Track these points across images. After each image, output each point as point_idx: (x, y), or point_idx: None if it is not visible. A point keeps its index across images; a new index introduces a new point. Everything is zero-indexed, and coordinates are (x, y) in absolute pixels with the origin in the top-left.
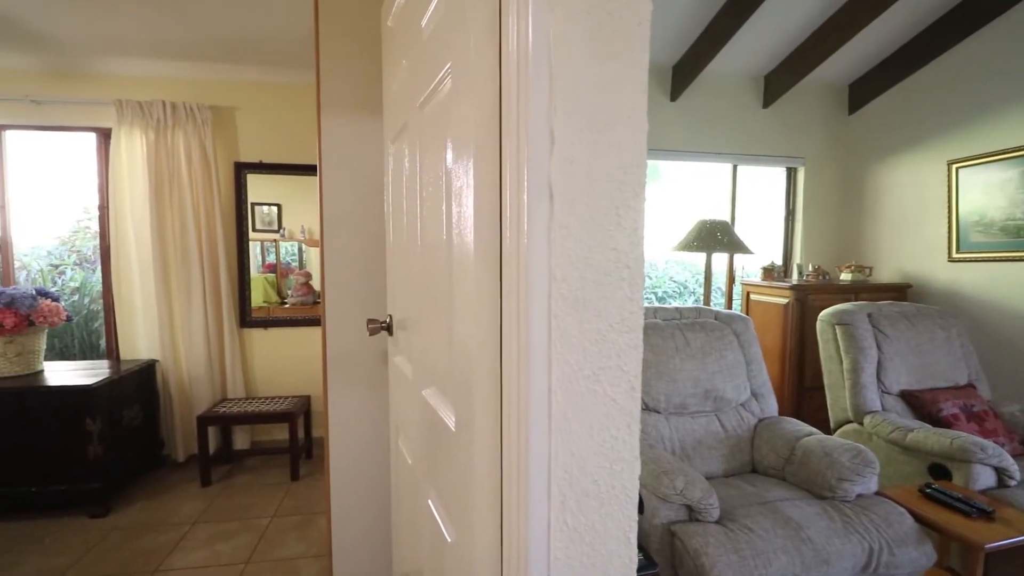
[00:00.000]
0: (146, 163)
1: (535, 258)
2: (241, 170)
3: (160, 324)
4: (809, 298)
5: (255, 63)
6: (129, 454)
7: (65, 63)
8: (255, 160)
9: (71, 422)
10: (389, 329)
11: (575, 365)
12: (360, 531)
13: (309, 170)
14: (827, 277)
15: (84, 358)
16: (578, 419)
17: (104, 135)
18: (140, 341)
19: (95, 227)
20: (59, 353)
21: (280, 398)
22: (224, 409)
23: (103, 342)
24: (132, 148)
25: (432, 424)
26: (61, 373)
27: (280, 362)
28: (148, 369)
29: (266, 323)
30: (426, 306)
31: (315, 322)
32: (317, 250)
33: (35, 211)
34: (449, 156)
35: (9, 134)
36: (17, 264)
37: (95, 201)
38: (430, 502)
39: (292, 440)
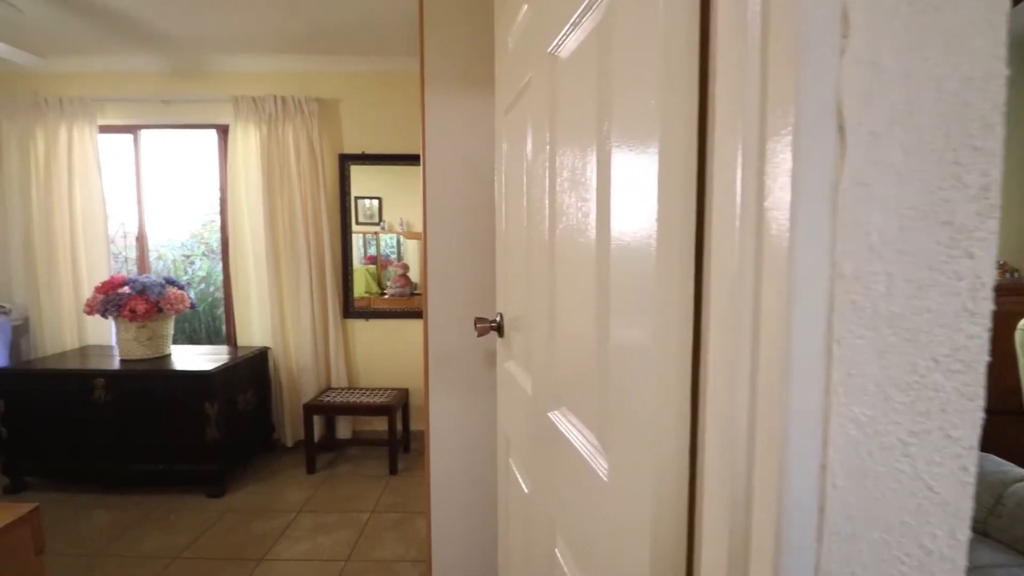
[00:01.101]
0: (259, 157)
1: (804, 239)
2: (345, 161)
3: (271, 312)
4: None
5: (358, 53)
6: (243, 438)
7: (188, 63)
8: (358, 151)
9: (192, 405)
10: (499, 330)
11: (868, 425)
12: (462, 543)
13: (410, 160)
14: (1015, 275)
15: (209, 343)
16: (868, 518)
17: (223, 131)
18: (254, 328)
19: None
20: (188, 337)
21: (380, 390)
22: (328, 399)
23: (225, 328)
24: (247, 143)
25: (563, 458)
26: (185, 357)
27: (380, 353)
28: (261, 356)
29: (367, 314)
30: (557, 307)
31: (414, 314)
32: (415, 243)
33: (171, 205)
34: (601, 96)
35: (144, 133)
36: (154, 255)
37: (218, 195)
38: (558, 553)
39: (391, 434)
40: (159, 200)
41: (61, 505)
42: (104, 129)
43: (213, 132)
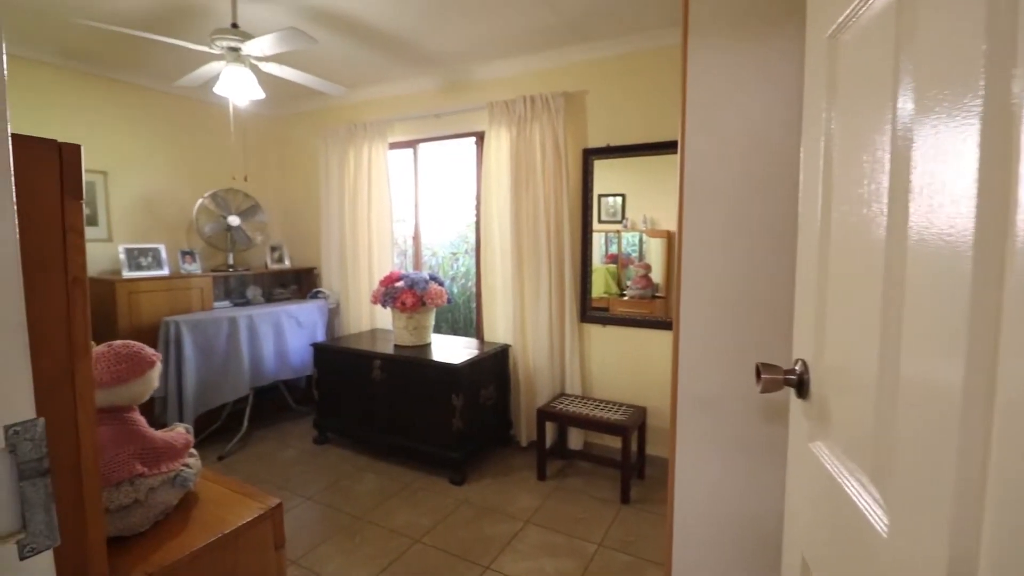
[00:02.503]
0: (509, 158)
1: None
2: (588, 157)
3: (514, 310)
4: None
5: (605, 37)
6: (483, 430)
7: (453, 77)
8: (602, 144)
9: (442, 394)
10: (799, 386)
11: None
12: None
13: (659, 148)
14: None
15: (464, 334)
16: None
17: (480, 138)
18: (499, 325)
19: None
20: (450, 326)
21: (614, 404)
22: (561, 406)
23: (475, 322)
24: (499, 146)
25: None
26: (442, 347)
27: (616, 363)
28: (503, 353)
29: (604, 320)
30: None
31: (654, 324)
32: (658, 241)
33: (441, 208)
34: None
35: (421, 146)
36: (428, 252)
37: (474, 197)
38: None
39: (624, 457)
40: (432, 204)
41: (346, 462)
42: (392, 146)
43: (472, 140)
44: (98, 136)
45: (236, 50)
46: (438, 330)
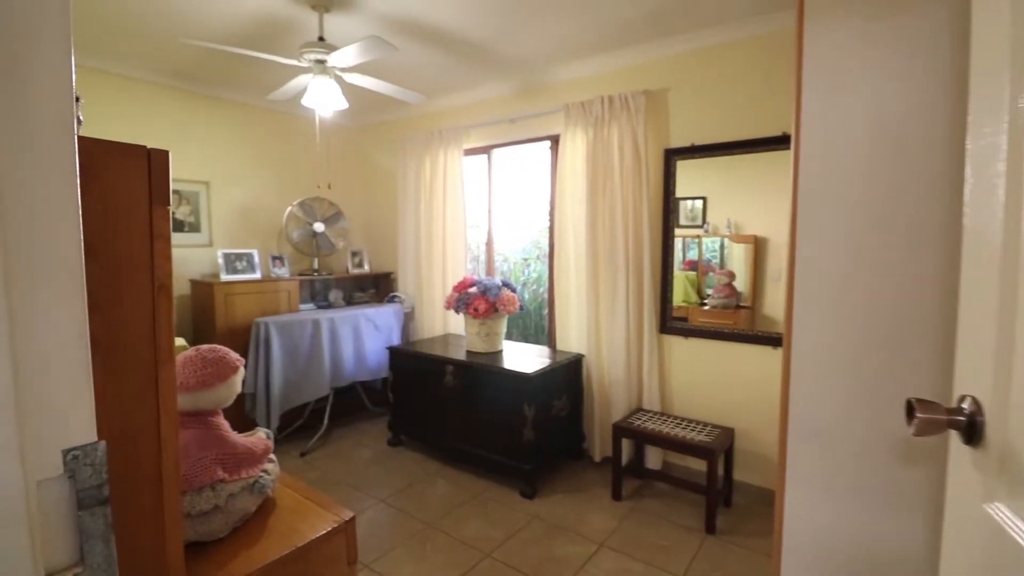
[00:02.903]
0: (585, 161)
1: None
2: (670, 157)
3: (588, 319)
4: None
5: (688, 29)
6: (555, 443)
7: (528, 80)
8: (686, 144)
9: (513, 403)
10: (969, 430)
11: None
12: None
13: (749, 146)
14: None
15: (536, 341)
16: None
17: (555, 141)
18: (572, 334)
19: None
20: (521, 332)
21: (698, 423)
22: (639, 423)
23: (548, 329)
24: (575, 149)
25: None
26: (513, 355)
27: (699, 379)
28: (576, 363)
29: (687, 332)
30: None
31: (745, 338)
32: (742, 246)
33: (514, 213)
34: None
35: (495, 152)
36: (500, 258)
37: (548, 202)
38: None
39: (710, 483)
40: (505, 209)
41: (418, 465)
42: (467, 152)
43: (547, 143)
44: (202, 149)
45: (322, 62)
46: (509, 337)
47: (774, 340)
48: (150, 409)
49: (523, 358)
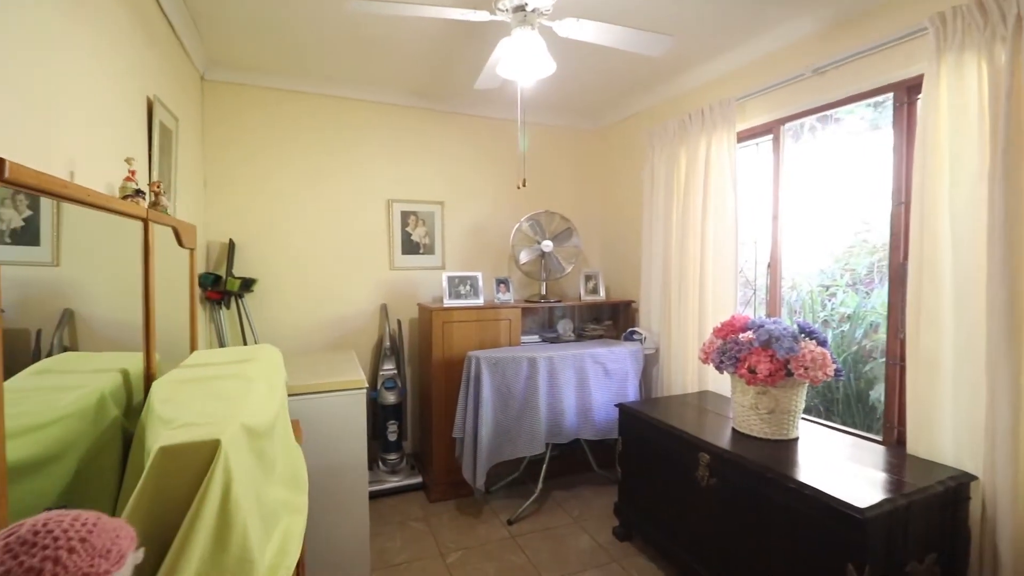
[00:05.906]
0: (986, 111)
1: None
2: None
3: (987, 403)
4: None
5: None
6: None
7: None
8: None
9: (824, 555)
10: None
11: None
12: None
13: None
14: None
15: (847, 413)
16: None
17: (908, 90)
18: (942, 425)
19: (873, 239)
20: (821, 398)
21: None
22: None
23: (875, 395)
24: (960, 92)
25: None
26: (818, 455)
27: None
28: (957, 491)
29: None
30: None
31: None
32: None
33: (812, 220)
34: None
35: (785, 129)
36: (787, 283)
37: (884, 201)
38: None
39: None
40: (798, 215)
41: None
42: (740, 136)
43: (889, 97)
44: (437, 167)
45: (522, 8)
46: (805, 410)
47: None
48: None
49: (838, 463)
